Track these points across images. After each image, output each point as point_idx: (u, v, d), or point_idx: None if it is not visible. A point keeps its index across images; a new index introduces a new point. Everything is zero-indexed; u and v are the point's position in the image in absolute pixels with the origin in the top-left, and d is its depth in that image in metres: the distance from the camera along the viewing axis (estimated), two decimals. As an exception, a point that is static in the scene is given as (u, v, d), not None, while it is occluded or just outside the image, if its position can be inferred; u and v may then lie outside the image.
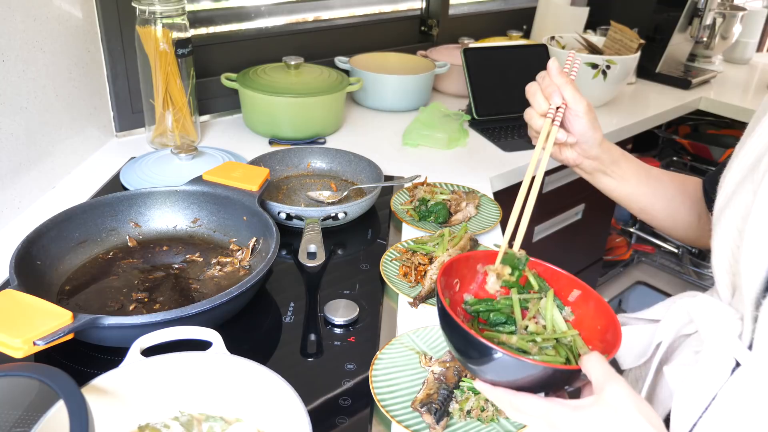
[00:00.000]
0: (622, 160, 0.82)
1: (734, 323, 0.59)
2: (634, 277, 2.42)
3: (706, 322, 0.61)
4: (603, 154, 0.80)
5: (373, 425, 0.67)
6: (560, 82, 0.73)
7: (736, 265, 0.59)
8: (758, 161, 0.60)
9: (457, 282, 0.67)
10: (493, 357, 0.54)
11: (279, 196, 1.10)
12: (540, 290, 0.66)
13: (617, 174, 0.82)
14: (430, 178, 1.19)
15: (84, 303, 0.79)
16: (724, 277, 0.62)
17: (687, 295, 0.68)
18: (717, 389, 0.58)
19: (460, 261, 0.66)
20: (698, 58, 2.18)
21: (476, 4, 2.05)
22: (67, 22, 1.11)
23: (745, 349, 0.58)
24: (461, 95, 1.70)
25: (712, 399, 0.58)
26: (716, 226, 0.63)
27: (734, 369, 0.58)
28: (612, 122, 1.62)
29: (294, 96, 1.31)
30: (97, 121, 1.25)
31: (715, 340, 0.59)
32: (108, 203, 0.91)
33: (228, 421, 0.61)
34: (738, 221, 0.59)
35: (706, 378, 0.59)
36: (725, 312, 0.60)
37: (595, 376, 0.53)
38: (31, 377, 0.49)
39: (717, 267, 0.63)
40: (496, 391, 0.56)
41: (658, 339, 0.68)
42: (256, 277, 0.74)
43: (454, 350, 0.60)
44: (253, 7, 1.54)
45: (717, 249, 0.63)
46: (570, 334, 0.62)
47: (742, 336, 0.59)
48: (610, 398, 0.51)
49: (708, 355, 0.59)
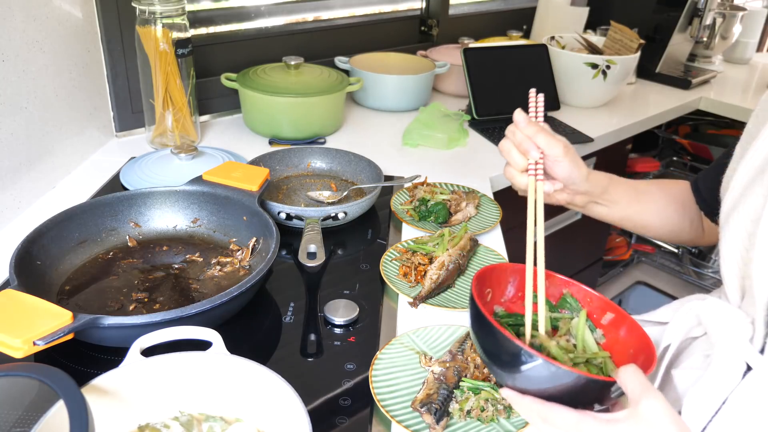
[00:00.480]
0: (611, 186, 0.82)
1: (745, 327, 0.58)
2: (634, 277, 2.42)
3: (717, 325, 0.60)
4: (592, 187, 0.79)
5: (373, 425, 0.67)
6: (531, 132, 0.71)
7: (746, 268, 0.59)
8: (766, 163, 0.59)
9: (489, 292, 0.66)
10: (527, 362, 0.52)
11: (279, 196, 1.10)
12: (573, 310, 0.66)
13: (608, 200, 0.82)
14: (430, 178, 1.19)
15: (84, 303, 0.79)
16: (733, 280, 0.61)
17: (695, 298, 0.67)
18: (728, 393, 0.58)
19: (495, 271, 0.66)
20: (698, 58, 2.18)
21: (476, 4, 2.05)
22: (67, 22, 1.11)
23: (757, 353, 0.57)
24: (461, 95, 1.70)
25: (723, 403, 0.58)
26: (724, 229, 0.62)
27: (745, 373, 0.58)
28: (612, 122, 1.62)
29: (294, 96, 1.31)
30: (97, 121, 1.25)
31: (725, 344, 0.58)
32: (108, 203, 0.91)
33: (228, 421, 0.61)
34: (748, 225, 0.58)
35: (717, 382, 0.58)
36: (736, 315, 0.59)
37: (631, 387, 0.51)
38: (31, 377, 0.49)
39: (726, 271, 0.62)
40: (524, 400, 0.54)
41: (666, 342, 0.67)
42: (256, 277, 0.74)
43: (484, 355, 0.58)
44: (253, 7, 1.54)
45: (726, 253, 0.62)
46: (601, 356, 0.60)
47: (753, 340, 0.58)
48: (646, 412, 0.49)
49: (719, 358, 0.59)
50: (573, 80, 1.64)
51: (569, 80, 1.64)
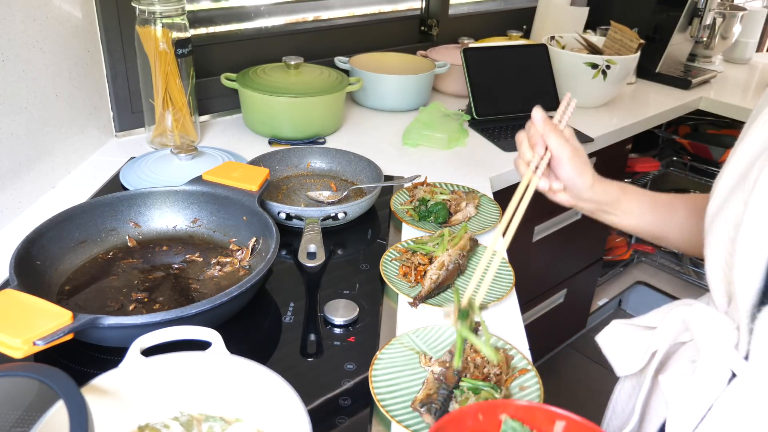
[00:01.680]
0: (622, 197, 0.80)
1: (730, 333, 0.58)
2: (634, 277, 2.42)
3: (702, 331, 0.60)
4: (598, 196, 0.78)
5: (373, 425, 0.67)
6: (544, 131, 0.73)
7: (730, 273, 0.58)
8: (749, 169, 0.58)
9: None
10: None
11: (279, 196, 1.10)
12: None
13: (618, 210, 0.81)
14: (430, 178, 1.20)
15: (84, 303, 0.79)
16: (719, 286, 0.61)
17: (683, 303, 0.67)
18: (713, 400, 0.57)
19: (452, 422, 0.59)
20: (698, 58, 2.18)
21: (476, 4, 2.05)
22: (66, 22, 1.11)
23: (742, 359, 0.57)
24: (461, 95, 1.70)
25: (708, 410, 0.57)
26: (708, 234, 0.62)
27: (730, 380, 0.57)
28: (612, 122, 1.62)
29: (294, 96, 1.31)
30: (97, 121, 1.25)
31: (711, 351, 0.58)
32: (108, 203, 0.91)
33: (228, 421, 0.61)
34: (730, 230, 0.58)
35: (702, 388, 0.58)
36: (721, 321, 0.59)
37: None
38: (31, 377, 0.49)
39: (711, 276, 0.62)
40: None
41: (653, 347, 0.67)
42: (256, 277, 0.74)
43: None
44: (253, 7, 1.54)
45: (710, 258, 0.61)
46: None
47: (738, 346, 0.58)
48: None
49: (704, 365, 0.58)
50: (573, 80, 1.64)
51: (569, 80, 1.64)
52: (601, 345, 0.73)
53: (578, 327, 2.20)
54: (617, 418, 0.75)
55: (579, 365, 2.22)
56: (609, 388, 0.77)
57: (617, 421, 0.75)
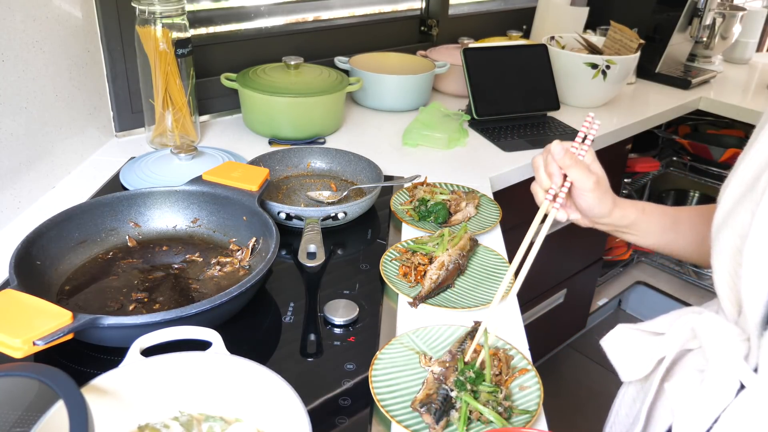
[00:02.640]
0: (641, 219, 0.78)
1: (740, 344, 0.57)
2: (634, 277, 2.42)
3: (712, 341, 0.59)
4: (616, 221, 0.77)
5: (373, 425, 0.67)
6: (564, 164, 0.70)
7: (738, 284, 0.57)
8: (756, 179, 0.57)
9: None
10: None
11: (279, 196, 1.10)
12: None
13: (638, 231, 0.79)
14: (430, 178, 1.20)
15: (84, 303, 0.79)
16: (728, 295, 0.60)
17: (692, 311, 0.66)
18: (720, 411, 0.57)
19: None
20: (698, 58, 2.18)
21: (476, 4, 2.05)
22: (66, 22, 1.11)
23: (751, 371, 0.56)
24: (461, 95, 1.70)
25: (715, 421, 0.57)
26: (715, 243, 0.61)
27: (739, 391, 0.56)
28: (612, 122, 1.62)
29: (294, 96, 1.31)
30: (96, 121, 1.25)
31: (720, 361, 0.57)
32: (108, 203, 0.91)
33: (228, 421, 0.61)
34: (737, 240, 0.57)
35: (710, 399, 0.57)
36: (731, 332, 0.58)
37: None
38: (31, 377, 0.49)
39: (719, 285, 0.61)
40: None
41: (660, 354, 0.66)
42: (256, 277, 0.74)
43: None
44: (253, 7, 1.54)
45: (717, 268, 0.60)
46: None
47: (748, 358, 0.57)
48: None
49: (712, 375, 0.57)
50: (573, 80, 1.64)
51: (569, 80, 1.64)
52: (605, 349, 0.71)
53: (578, 327, 2.21)
54: (620, 423, 0.75)
55: (579, 365, 2.22)
56: (609, 389, 0.77)
57: (620, 427, 0.74)
